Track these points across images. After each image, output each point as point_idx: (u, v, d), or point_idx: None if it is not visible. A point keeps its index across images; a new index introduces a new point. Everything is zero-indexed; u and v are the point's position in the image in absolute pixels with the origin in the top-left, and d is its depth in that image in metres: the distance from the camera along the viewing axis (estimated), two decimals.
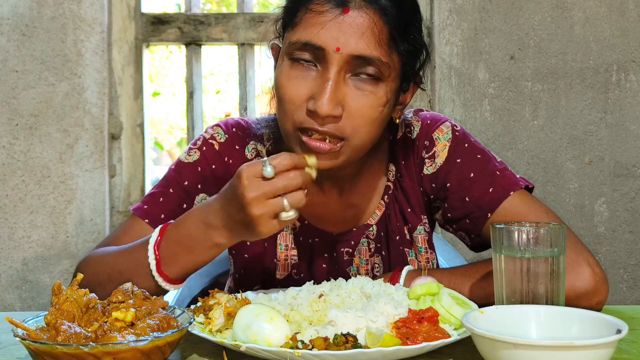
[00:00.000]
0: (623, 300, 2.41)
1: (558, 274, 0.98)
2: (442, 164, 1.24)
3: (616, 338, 0.79)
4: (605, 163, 2.39)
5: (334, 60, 1.06)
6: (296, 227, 1.30)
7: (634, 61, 2.38)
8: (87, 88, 2.36)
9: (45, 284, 2.38)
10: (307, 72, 1.09)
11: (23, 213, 2.36)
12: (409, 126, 1.28)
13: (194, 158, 1.28)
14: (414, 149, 1.27)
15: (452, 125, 1.27)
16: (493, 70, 2.38)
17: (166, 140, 5.98)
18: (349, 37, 1.06)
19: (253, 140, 1.31)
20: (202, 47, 2.64)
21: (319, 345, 0.87)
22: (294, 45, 1.09)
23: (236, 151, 1.29)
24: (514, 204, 1.20)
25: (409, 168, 1.28)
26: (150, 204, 1.25)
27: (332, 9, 1.07)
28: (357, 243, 1.30)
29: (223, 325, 0.97)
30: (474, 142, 1.26)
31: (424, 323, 0.92)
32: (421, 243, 1.30)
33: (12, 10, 2.35)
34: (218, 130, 1.31)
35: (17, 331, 0.86)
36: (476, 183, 1.22)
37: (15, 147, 2.35)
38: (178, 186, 1.25)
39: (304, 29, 1.08)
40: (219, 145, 1.29)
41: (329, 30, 1.06)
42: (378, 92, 1.09)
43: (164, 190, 1.26)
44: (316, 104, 1.06)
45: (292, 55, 1.10)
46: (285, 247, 1.30)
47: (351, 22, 1.06)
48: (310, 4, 1.09)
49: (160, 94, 5.71)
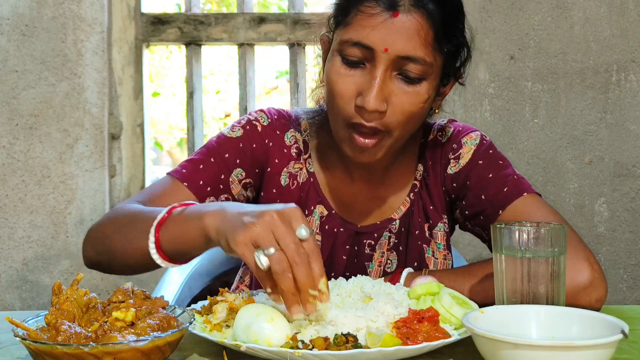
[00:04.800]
0: (623, 300, 2.41)
1: (558, 274, 0.98)
2: (465, 164, 1.30)
3: (616, 338, 0.79)
4: (605, 163, 2.39)
5: (381, 59, 1.14)
6: (323, 215, 1.33)
7: (634, 61, 2.38)
8: (87, 88, 2.36)
9: (45, 284, 2.38)
10: (356, 70, 1.17)
11: (23, 213, 2.36)
12: (441, 131, 1.35)
13: (237, 134, 1.32)
14: (442, 150, 1.33)
15: (481, 134, 1.34)
16: (493, 70, 2.38)
17: (166, 140, 5.97)
18: (397, 39, 1.13)
19: (293, 128, 1.36)
20: (202, 47, 2.64)
21: (319, 345, 0.87)
22: (346, 43, 1.16)
23: (277, 135, 1.34)
24: (525, 204, 1.24)
25: (435, 168, 1.34)
26: (190, 169, 1.28)
27: (382, 12, 1.13)
28: (379, 236, 1.33)
29: (224, 320, 0.97)
30: (498, 152, 1.33)
31: (424, 323, 0.92)
32: (440, 239, 1.34)
33: (12, 10, 2.35)
34: (262, 115, 1.36)
35: (17, 331, 0.86)
36: (492, 183, 1.27)
37: (15, 147, 2.35)
38: (219, 157, 1.29)
39: (355, 29, 1.15)
40: (261, 127, 1.34)
41: (379, 32, 1.13)
42: (421, 89, 1.17)
43: (204, 159, 1.29)
44: (364, 100, 1.14)
45: (343, 53, 1.17)
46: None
47: (400, 25, 1.13)
48: (361, 6, 1.15)
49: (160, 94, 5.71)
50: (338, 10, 1.21)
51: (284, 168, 1.33)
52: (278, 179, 1.33)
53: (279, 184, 1.33)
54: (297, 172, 1.33)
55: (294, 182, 1.33)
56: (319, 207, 1.33)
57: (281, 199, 1.32)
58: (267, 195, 1.33)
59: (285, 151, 1.33)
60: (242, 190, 1.31)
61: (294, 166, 1.33)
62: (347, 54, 1.16)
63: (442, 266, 1.33)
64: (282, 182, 1.33)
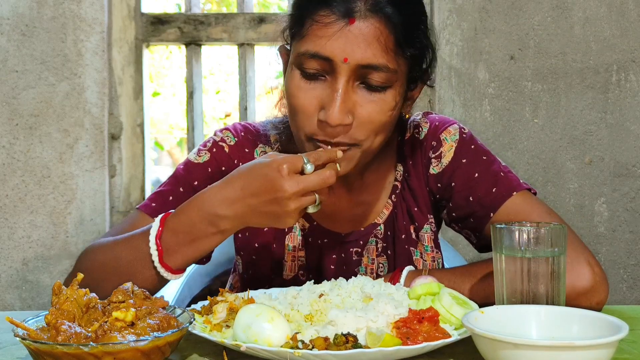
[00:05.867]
0: (623, 300, 2.41)
1: (558, 274, 0.98)
2: (448, 164, 1.26)
3: (616, 338, 0.79)
4: (605, 163, 2.39)
5: (342, 70, 1.09)
6: (305, 228, 1.31)
7: (634, 61, 2.38)
8: (87, 88, 2.36)
9: (45, 284, 2.38)
10: (316, 83, 1.12)
11: (23, 213, 2.36)
12: (417, 127, 1.30)
13: (204, 159, 1.29)
14: (421, 149, 1.29)
15: (460, 127, 1.29)
16: (493, 70, 2.38)
17: (166, 140, 5.97)
18: (356, 47, 1.08)
19: (261, 143, 1.33)
20: (202, 47, 2.64)
21: (319, 345, 0.87)
22: (303, 56, 1.11)
23: (246, 154, 1.31)
24: (517, 203, 1.21)
25: (417, 168, 1.30)
26: (159, 201, 1.25)
27: (337, 20, 1.08)
28: (365, 243, 1.31)
29: (224, 320, 0.97)
30: (480, 145, 1.28)
31: (424, 323, 0.92)
32: (427, 242, 1.31)
33: (12, 10, 2.34)
34: (227, 134, 1.32)
35: (17, 331, 0.86)
36: (480, 183, 1.23)
37: (15, 147, 2.35)
38: (188, 185, 1.26)
39: (312, 40, 1.10)
40: (228, 147, 1.30)
41: (336, 42, 1.08)
42: (386, 97, 1.12)
43: (172, 189, 1.26)
44: (327, 114, 1.09)
45: (302, 66, 1.12)
46: (293, 248, 1.30)
47: (357, 32, 1.08)
48: (316, 15, 1.10)
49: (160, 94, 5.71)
50: (292, 21, 1.16)
51: None
52: None
53: None
54: None
55: None
56: (300, 221, 1.29)
57: None
58: None
59: None
60: None
61: None
62: (305, 67, 1.11)
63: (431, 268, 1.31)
64: None
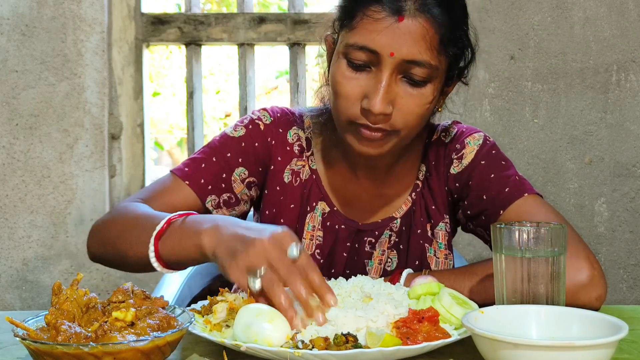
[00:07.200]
0: (623, 300, 2.41)
1: (558, 274, 0.98)
2: (468, 164, 1.31)
3: (616, 338, 0.79)
4: (605, 163, 2.39)
5: (387, 63, 1.15)
6: (325, 212, 1.34)
7: (634, 61, 2.38)
8: (87, 88, 2.37)
9: (45, 284, 2.38)
10: (361, 73, 1.18)
11: (23, 213, 2.36)
12: (445, 131, 1.37)
13: (240, 134, 1.33)
14: (445, 151, 1.34)
15: (485, 136, 1.35)
16: (493, 70, 2.38)
17: (166, 140, 5.97)
18: (402, 43, 1.14)
19: (296, 125, 1.37)
20: (202, 47, 2.64)
21: (319, 345, 0.87)
22: (351, 47, 1.17)
23: (279, 133, 1.36)
24: (526, 204, 1.24)
25: (438, 168, 1.35)
26: (192, 167, 1.30)
27: (387, 17, 1.14)
28: (380, 234, 1.34)
29: (224, 320, 0.97)
30: (501, 152, 1.34)
31: (424, 323, 0.92)
32: (442, 239, 1.34)
33: (12, 10, 2.35)
34: (264, 114, 1.37)
35: (17, 331, 0.86)
36: (494, 183, 1.28)
37: (15, 147, 2.36)
38: (221, 156, 1.31)
39: (361, 33, 1.16)
40: (264, 126, 1.35)
41: (385, 37, 1.14)
42: (426, 91, 1.18)
43: (207, 158, 1.31)
44: (370, 103, 1.16)
45: (349, 56, 1.18)
46: (312, 228, 1.34)
47: (405, 29, 1.14)
48: (367, 10, 1.16)
49: (160, 94, 5.71)
50: (343, 13, 1.22)
51: (287, 165, 1.34)
52: (281, 176, 1.33)
53: (282, 181, 1.33)
54: (300, 169, 1.34)
55: (297, 179, 1.34)
56: (321, 204, 1.34)
57: (284, 196, 1.33)
58: (271, 193, 1.34)
59: (288, 148, 1.34)
60: (245, 190, 1.32)
61: (297, 163, 1.34)
62: (352, 58, 1.18)
63: (443, 266, 1.34)
64: (285, 179, 1.33)
